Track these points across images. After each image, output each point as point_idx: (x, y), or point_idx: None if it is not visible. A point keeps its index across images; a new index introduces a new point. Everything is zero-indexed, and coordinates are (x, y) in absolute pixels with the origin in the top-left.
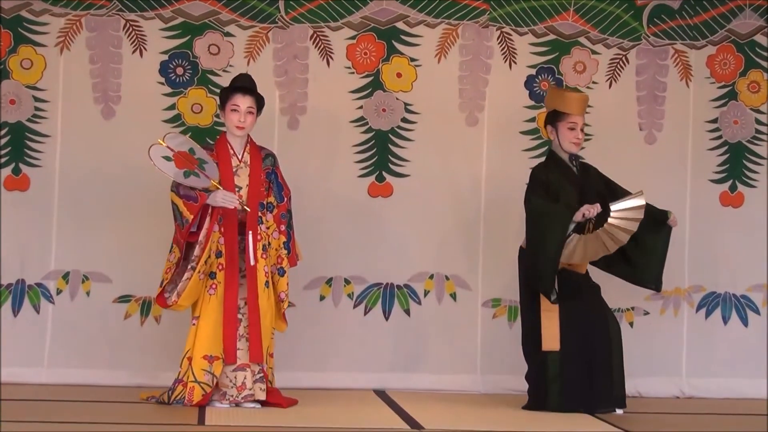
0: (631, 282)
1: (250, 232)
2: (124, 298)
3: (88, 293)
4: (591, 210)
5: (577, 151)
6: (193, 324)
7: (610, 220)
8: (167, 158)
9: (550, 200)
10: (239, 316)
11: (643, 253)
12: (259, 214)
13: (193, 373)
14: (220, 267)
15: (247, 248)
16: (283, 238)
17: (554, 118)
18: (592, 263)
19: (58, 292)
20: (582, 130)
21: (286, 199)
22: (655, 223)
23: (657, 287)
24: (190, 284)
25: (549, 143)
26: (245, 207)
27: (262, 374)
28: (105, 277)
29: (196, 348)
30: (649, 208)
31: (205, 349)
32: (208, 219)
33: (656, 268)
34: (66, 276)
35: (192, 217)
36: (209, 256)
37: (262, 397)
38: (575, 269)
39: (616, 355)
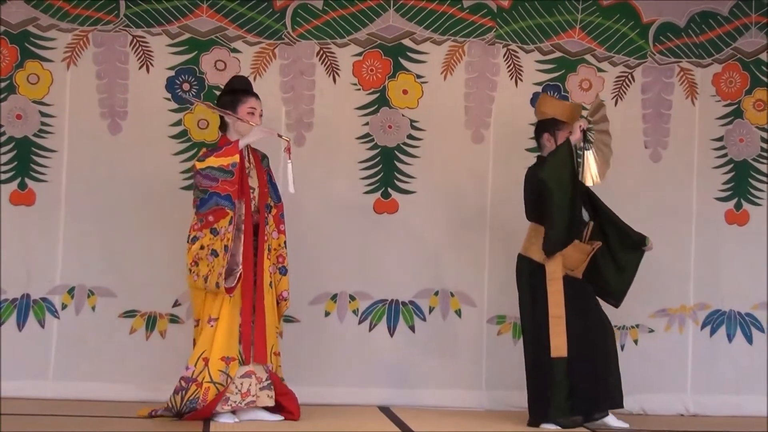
0: (594, 292)
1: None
2: (130, 313)
3: (93, 308)
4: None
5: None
6: (211, 326)
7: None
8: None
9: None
10: None
11: (613, 269)
12: (266, 215)
13: (209, 374)
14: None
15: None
16: (284, 238)
17: (554, 126)
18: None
19: (63, 306)
20: None
21: (282, 199)
22: (632, 245)
23: (616, 304)
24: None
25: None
26: (284, 138)
27: (269, 381)
28: (110, 291)
29: (213, 349)
30: (628, 230)
31: (222, 350)
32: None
33: (621, 286)
34: (71, 291)
35: (237, 156)
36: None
37: (270, 404)
38: (574, 275)
39: (613, 358)
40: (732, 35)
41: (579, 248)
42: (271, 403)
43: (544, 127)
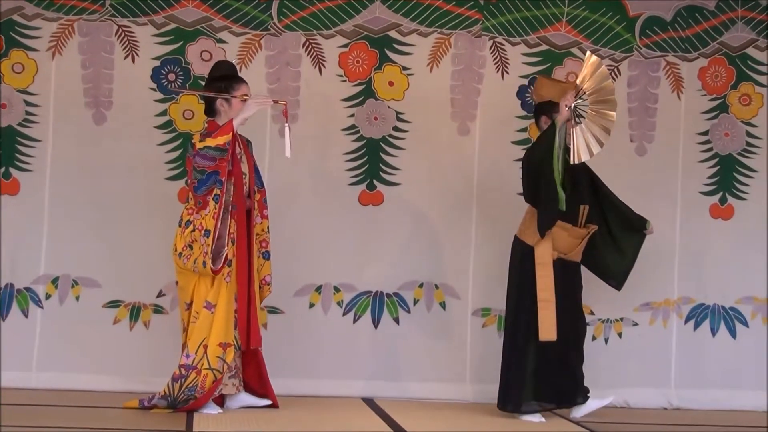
0: (596, 274)
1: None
2: (114, 304)
3: (77, 298)
4: (569, 101)
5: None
6: (211, 312)
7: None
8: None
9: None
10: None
11: (613, 251)
12: (254, 199)
13: (207, 360)
14: (234, 255)
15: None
16: (267, 222)
17: (551, 108)
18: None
19: (47, 296)
20: None
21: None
22: (632, 228)
23: (618, 285)
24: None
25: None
26: (279, 101)
27: (237, 370)
28: (94, 282)
29: (212, 336)
30: (629, 214)
31: (220, 336)
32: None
33: (621, 267)
34: (55, 281)
35: (231, 134)
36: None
37: (232, 392)
38: (571, 258)
39: (580, 351)
40: (718, 30)
41: (573, 232)
42: (233, 391)
43: (542, 110)
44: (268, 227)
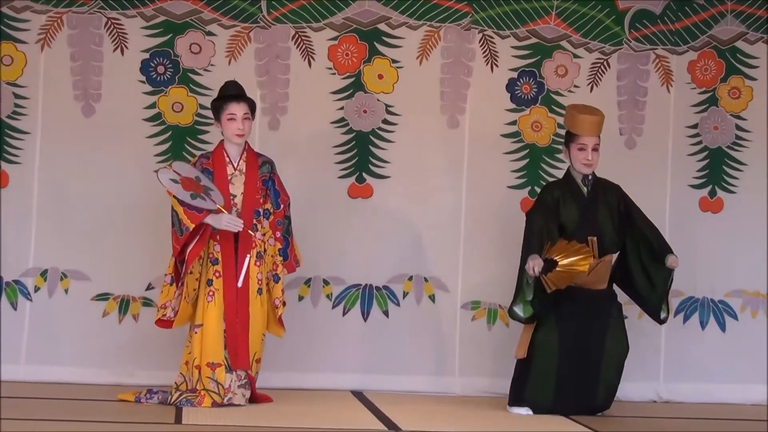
0: (636, 303)
1: (247, 255)
2: (103, 296)
3: (66, 291)
4: (531, 265)
5: (588, 172)
6: (195, 332)
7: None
8: (174, 181)
9: (546, 219)
10: None
11: (644, 280)
12: (254, 221)
13: (202, 382)
14: (217, 274)
15: (240, 270)
16: (279, 245)
17: (568, 138)
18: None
19: (36, 289)
20: (595, 150)
21: (282, 206)
22: (656, 259)
23: (655, 319)
24: (181, 305)
25: (529, 148)
26: (249, 231)
27: (247, 380)
28: (83, 275)
29: (202, 356)
30: (655, 243)
31: (209, 356)
32: (194, 243)
33: (655, 301)
34: (44, 273)
35: (192, 226)
36: (194, 282)
37: (242, 402)
38: (590, 287)
39: (587, 370)
40: (708, 23)
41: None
42: (242, 401)
43: (564, 139)
44: (279, 250)
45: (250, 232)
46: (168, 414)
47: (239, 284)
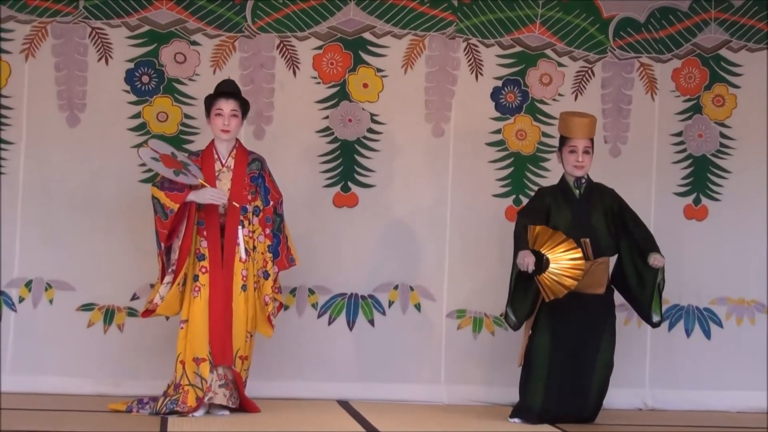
0: (632, 307)
1: (240, 228)
2: (88, 307)
3: (51, 301)
4: (523, 262)
5: (580, 175)
6: (182, 327)
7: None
8: (155, 159)
9: (534, 220)
10: None
11: (637, 282)
12: (241, 218)
13: (187, 377)
14: (203, 270)
15: (235, 244)
16: (268, 242)
17: (560, 142)
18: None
19: (21, 299)
20: (586, 153)
21: (272, 202)
22: (643, 260)
23: (648, 322)
24: (171, 291)
25: (514, 156)
26: (234, 203)
27: (227, 380)
28: (68, 285)
29: (187, 351)
30: (642, 243)
31: (195, 351)
32: (184, 225)
33: (645, 302)
34: (29, 284)
35: (176, 206)
36: (190, 264)
37: (223, 402)
38: (586, 291)
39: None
40: (691, 31)
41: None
42: (223, 401)
43: (559, 143)
44: (269, 247)
45: (235, 203)
46: (153, 423)
47: (243, 257)
